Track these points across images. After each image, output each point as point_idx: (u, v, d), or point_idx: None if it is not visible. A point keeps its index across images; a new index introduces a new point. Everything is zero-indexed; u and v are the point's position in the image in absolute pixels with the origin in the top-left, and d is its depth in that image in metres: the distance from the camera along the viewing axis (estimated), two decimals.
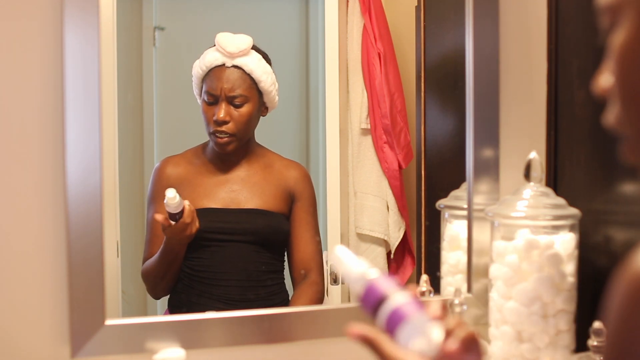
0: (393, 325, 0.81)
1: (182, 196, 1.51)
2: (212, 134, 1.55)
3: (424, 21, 1.64)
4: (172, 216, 1.45)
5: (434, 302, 0.84)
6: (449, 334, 0.80)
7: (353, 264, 0.87)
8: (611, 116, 0.61)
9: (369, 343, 0.81)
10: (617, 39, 0.60)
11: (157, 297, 1.58)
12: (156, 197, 1.55)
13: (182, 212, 1.45)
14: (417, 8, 1.66)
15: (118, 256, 1.46)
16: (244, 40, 1.55)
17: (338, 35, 1.64)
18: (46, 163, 1.24)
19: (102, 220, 1.24)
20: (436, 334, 0.79)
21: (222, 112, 1.53)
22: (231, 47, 1.53)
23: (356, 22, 1.65)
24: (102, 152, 1.24)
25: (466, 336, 0.80)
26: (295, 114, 1.74)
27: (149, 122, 1.65)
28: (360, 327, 0.82)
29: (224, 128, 1.54)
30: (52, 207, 1.24)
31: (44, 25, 1.23)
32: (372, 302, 0.83)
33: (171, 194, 1.43)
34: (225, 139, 1.54)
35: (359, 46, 1.66)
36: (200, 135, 1.59)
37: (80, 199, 1.23)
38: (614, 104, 0.61)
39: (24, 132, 1.24)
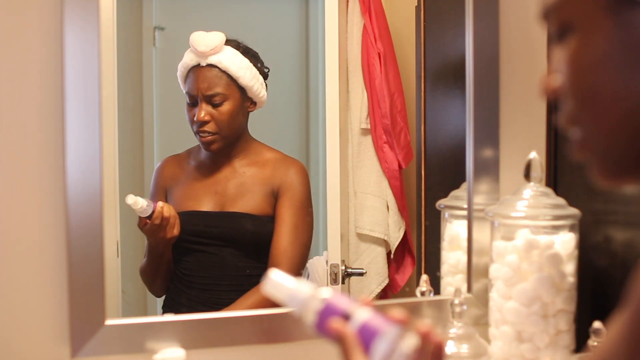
0: (364, 341, 0.78)
1: (172, 197, 1.52)
2: (196, 133, 1.54)
3: (424, 21, 1.64)
4: (148, 217, 1.46)
5: (395, 309, 0.81)
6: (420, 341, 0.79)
7: (296, 286, 0.83)
8: (563, 116, 0.61)
9: (342, 343, 0.78)
10: (571, 41, 0.59)
11: (156, 296, 1.58)
12: (154, 196, 1.56)
13: (152, 214, 1.46)
14: (417, 8, 1.65)
15: (118, 256, 1.46)
16: (215, 38, 1.52)
17: (338, 35, 1.63)
18: (46, 163, 1.24)
19: (102, 220, 1.24)
20: (408, 345, 0.77)
21: (201, 112, 1.52)
22: (202, 46, 1.51)
23: (356, 22, 1.65)
24: (102, 152, 1.24)
25: (435, 348, 0.79)
26: (295, 114, 1.74)
27: (149, 122, 1.65)
28: (341, 324, 0.79)
29: (205, 128, 1.53)
30: (52, 207, 1.24)
31: (44, 25, 1.23)
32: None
33: (130, 201, 1.43)
34: (209, 137, 1.53)
35: (359, 46, 1.65)
36: None
37: (80, 199, 1.23)
38: (565, 104, 0.61)
39: (24, 132, 1.24)
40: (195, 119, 1.52)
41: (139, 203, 1.44)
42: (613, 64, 0.56)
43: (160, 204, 1.46)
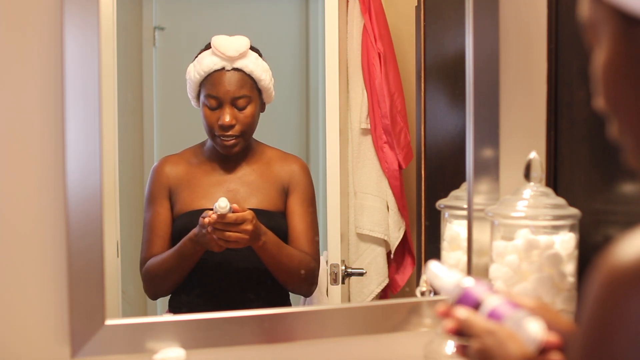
0: None
1: (179, 197, 1.51)
2: (218, 137, 1.54)
3: (424, 21, 1.64)
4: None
5: (529, 300, 0.85)
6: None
7: (447, 276, 0.90)
8: (612, 129, 0.63)
9: (460, 322, 0.83)
10: (598, 57, 0.62)
11: (156, 297, 1.57)
12: (155, 196, 1.55)
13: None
14: (417, 8, 1.66)
15: (118, 256, 1.46)
16: (242, 42, 1.54)
17: (338, 35, 1.64)
18: (46, 163, 1.24)
19: (102, 220, 1.24)
20: (534, 329, 0.80)
21: (227, 116, 1.52)
22: (231, 51, 1.53)
23: (356, 22, 1.65)
24: (102, 152, 1.24)
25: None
26: (295, 114, 1.74)
27: (149, 122, 1.65)
28: (463, 312, 0.84)
29: (230, 132, 1.53)
30: (52, 207, 1.24)
31: (44, 25, 1.23)
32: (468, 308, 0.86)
33: (223, 204, 1.42)
34: (232, 141, 1.54)
35: (359, 46, 1.65)
36: (200, 135, 1.59)
37: (80, 199, 1.23)
38: (611, 118, 0.63)
39: (25, 132, 1.24)
40: (220, 123, 1.52)
41: (228, 207, 1.42)
42: (629, 75, 0.59)
43: (234, 205, 1.44)
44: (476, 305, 0.85)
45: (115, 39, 1.43)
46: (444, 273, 0.91)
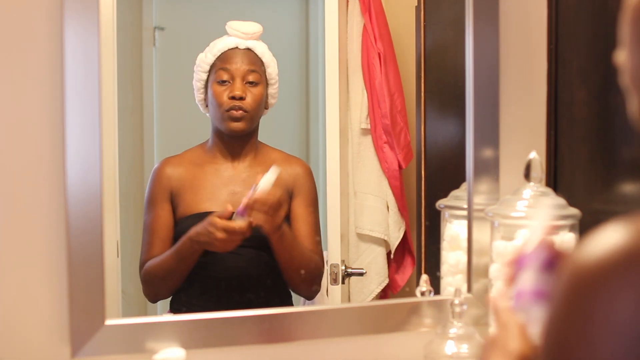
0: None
1: (182, 200, 1.51)
2: (227, 111, 1.54)
3: (424, 21, 1.64)
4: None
5: None
6: None
7: (534, 232, 0.90)
8: (631, 106, 0.66)
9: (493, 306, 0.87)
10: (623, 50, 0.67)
11: (156, 300, 1.56)
12: (157, 199, 1.54)
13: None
14: (417, 8, 1.66)
15: (118, 256, 1.46)
16: (257, 25, 1.58)
17: (338, 35, 1.64)
18: (46, 163, 1.24)
19: (102, 220, 1.24)
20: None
21: (238, 88, 1.53)
22: (246, 28, 1.56)
23: (356, 22, 1.65)
24: (102, 152, 1.24)
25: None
26: (296, 114, 1.74)
27: (149, 122, 1.65)
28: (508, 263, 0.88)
29: (239, 103, 1.53)
30: (52, 207, 1.24)
31: (44, 25, 1.23)
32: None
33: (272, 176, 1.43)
34: (240, 112, 1.53)
35: (359, 46, 1.66)
36: (200, 135, 1.59)
37: (80, 199, 1.23)
38: (631, 96, 0.66)
39: (24, 132, 1.24)
40: (231, 94, 1.53)
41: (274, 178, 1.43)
42: None
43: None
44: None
45: (115, 39, 1.43)
46: (536, 229, 0.90)
